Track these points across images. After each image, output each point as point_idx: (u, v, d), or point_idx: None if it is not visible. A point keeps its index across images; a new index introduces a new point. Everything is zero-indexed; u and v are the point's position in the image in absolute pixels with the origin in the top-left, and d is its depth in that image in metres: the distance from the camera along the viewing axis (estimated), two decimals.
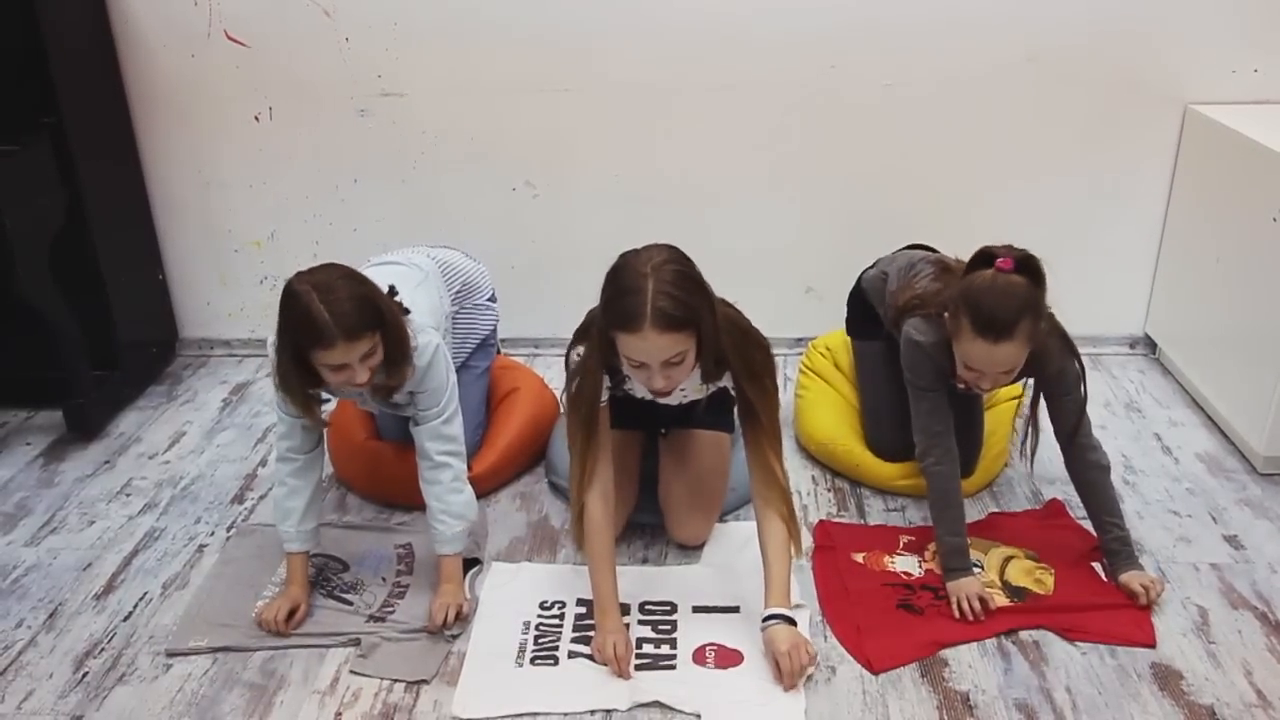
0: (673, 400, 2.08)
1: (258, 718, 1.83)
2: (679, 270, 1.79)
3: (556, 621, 2.02)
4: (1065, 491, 2.41)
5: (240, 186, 3.04)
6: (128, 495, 2.51)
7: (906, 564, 2.16)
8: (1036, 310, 1.90)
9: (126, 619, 2.08)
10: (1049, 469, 2.51)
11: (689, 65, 2.83)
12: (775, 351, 3.08)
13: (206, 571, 2.21)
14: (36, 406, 2.89)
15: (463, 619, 2.02)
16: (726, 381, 2.01)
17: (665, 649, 1.94)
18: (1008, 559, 2.15)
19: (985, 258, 1.95)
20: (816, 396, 2.60)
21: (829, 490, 2.46)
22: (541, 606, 2.06)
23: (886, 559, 2.17)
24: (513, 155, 2.94)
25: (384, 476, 2.38)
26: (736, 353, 1.94)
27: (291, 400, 1.96)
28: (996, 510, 2.36)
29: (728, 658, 1.92)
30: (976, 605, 1.99)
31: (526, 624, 2.03)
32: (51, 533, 2.37)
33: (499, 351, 2.67)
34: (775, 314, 3.06)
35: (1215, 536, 2.26)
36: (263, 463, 2.63)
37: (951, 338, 1.98)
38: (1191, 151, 2.82)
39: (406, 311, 2.02)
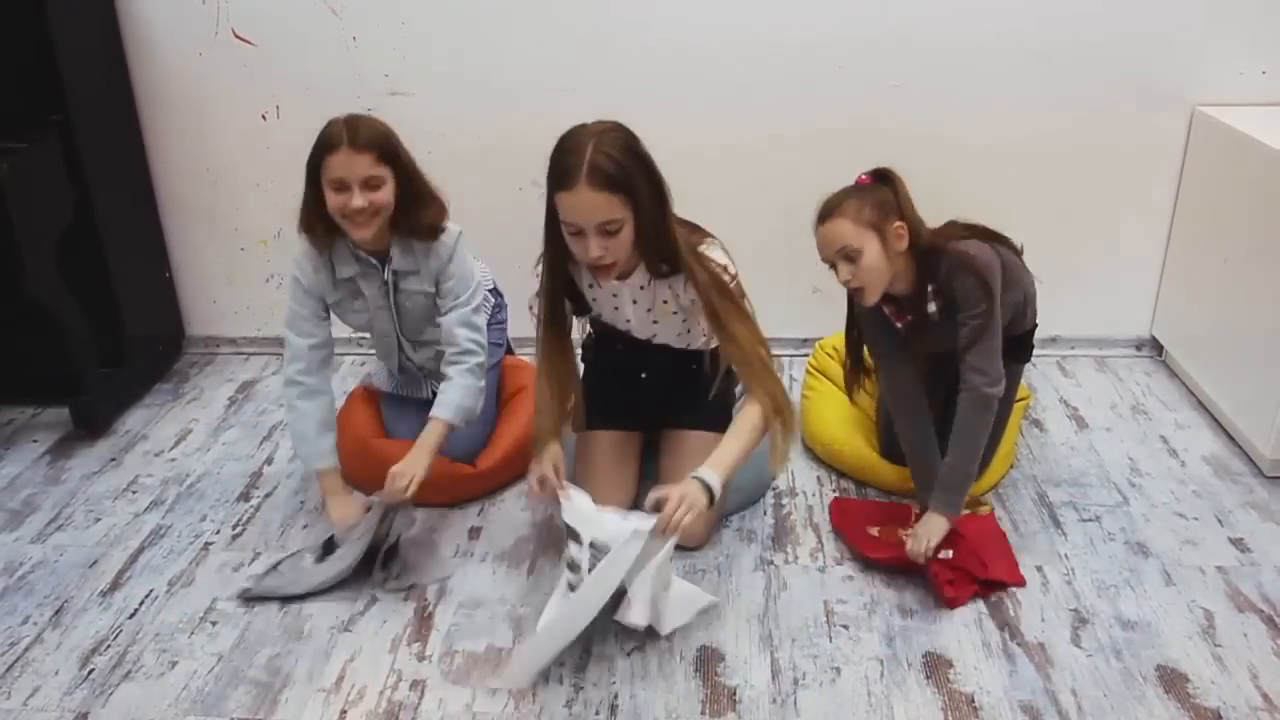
0: (642, 331, 2.15)
1: (263, 715, 1.83)
2: (622, 139, 1.87)
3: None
4: (1071, 494, 2.42)
5: (247, 185, 3.04)
6: (134, 492, 2.52)
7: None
8: (871, 199, 2.04)
9: (132, 616, 2.09)
10: (1054, 470, 2.51)
11: (696, 65, 2.83)
12: (781, 353, 3.15)
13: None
14: (43, 403, 2.90)
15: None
16: (681, 292, 2.07)
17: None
18: None
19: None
20: (823, 398, 2.60)
21: (835, 491, 2.46)
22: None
23: (901, 532, 2.18)
24: (519, 154, 2.92)
25: None
26: (695, 259, 1.99)
27: (312, 237, 2.15)
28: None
29: None
30: (928, 552, 2.05)
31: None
32: (58, 529, 2.38)
33: (509, 350, 2.67)
34: (782, 314, 3.08)
35: (1221, 539, 2.25)
36: (269, 460, 2.63)
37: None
38: (1199, 153, 2.81)
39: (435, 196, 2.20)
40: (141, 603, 2.13)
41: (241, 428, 2.81)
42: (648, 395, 2.29)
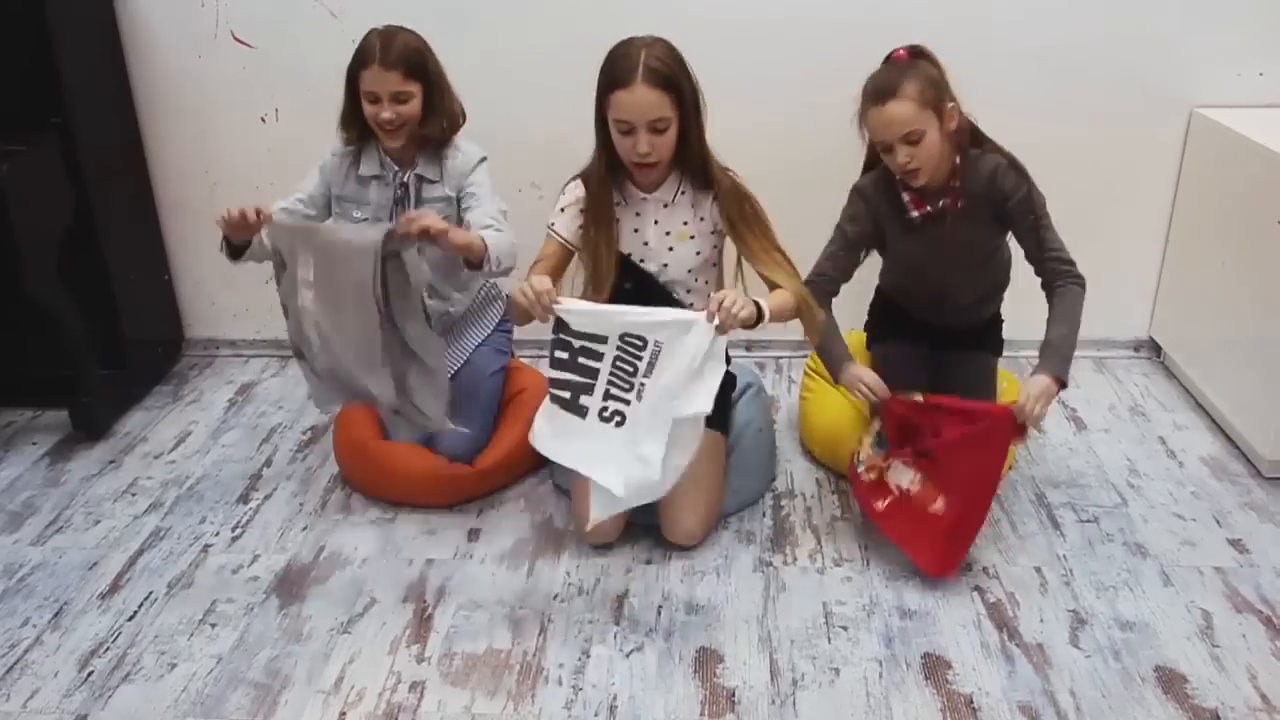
0: (655, 259, 2.19)
1: (262, 717, 1.83)
2: (670, 48, 2.07)
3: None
4: (1069, 495, 2.42)
5: (247, 187, 3.04)
6: (133, 495, 2.52)
7: (899, 476, 2.20)
8: (926, 77, 2.04)
9: (131, 618, 2.09)
10: (1052, 471, 2.51)
11: (696, 67, 2.82)
12: (780, 354, 3.16)
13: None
14: (43, 405, 2.89)
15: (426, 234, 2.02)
16: (706, 213, 2.19)
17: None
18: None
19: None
20: (821, 399, 2.60)
21: (833, 493, 2.47)
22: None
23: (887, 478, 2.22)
24: (519, 156, 2.94)
25: (393, 478, 2.38)
26: (722, 173, 2.17)
27: (349, 136, 2.34)
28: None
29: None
30: (867, 389, 2.16)
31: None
32: (57, 532, 2.38)
33: (512, 354, 2.66)
34: None
35: (1219, 540, 2.25)
36: (268, 463, 2.64)
37: (864, 128, 2.11)
38: (1197, 154, 2.82)
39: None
40: (141, 605, 2.13)
41: (241, 430, 2.81)
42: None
